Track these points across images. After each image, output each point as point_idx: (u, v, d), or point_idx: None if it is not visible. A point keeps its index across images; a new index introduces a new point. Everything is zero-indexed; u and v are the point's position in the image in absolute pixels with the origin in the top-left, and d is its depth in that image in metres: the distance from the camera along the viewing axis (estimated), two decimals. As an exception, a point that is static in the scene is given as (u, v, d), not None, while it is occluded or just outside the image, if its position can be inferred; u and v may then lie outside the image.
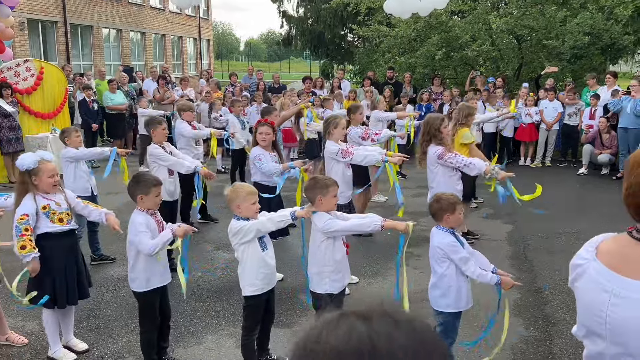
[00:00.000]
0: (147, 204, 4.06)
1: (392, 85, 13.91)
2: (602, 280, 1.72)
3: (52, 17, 20.43)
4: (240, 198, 3.92)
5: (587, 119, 11.81)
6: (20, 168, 4.23)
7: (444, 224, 3.92)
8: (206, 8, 35.35)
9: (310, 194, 4.02)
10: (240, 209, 3.93)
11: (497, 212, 8.62)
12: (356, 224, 4.03)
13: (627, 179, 1.77)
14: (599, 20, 13.79)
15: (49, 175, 4.25)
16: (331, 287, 4.07)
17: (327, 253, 4.02)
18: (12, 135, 10.24)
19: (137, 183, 4.09)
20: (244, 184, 4.26)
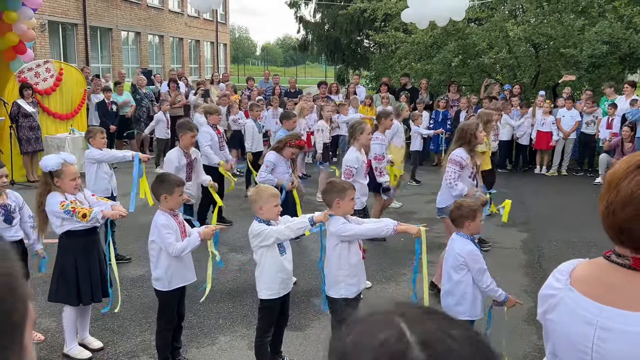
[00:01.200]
0: (171, 203, 4.10)
1: (409, 91, 13.91)
2: (582, 312, 1.54)
3: (73, 19, 20.70)
4: (263, 200, 3.96)
5: (604, 128, 11.73)
6: (43, 169, 4.29)
7: (464, 231, 3.94)
8: (224, 12, 35.59)
9: (327, 197, 4.05)
10: (262, 210, 3.97)
11: (512, 221, 8.57)
12: (370, 229, 4.05)
13: (604, 197, 1.57)
14: (618, 29, 13.69)
15: (71, 178, 4.31)
16: (347, 292, 4.08)
17: (342, 257, 4.04)
18: (32, 135, 10.39)
19: (162, 182, 4.14)
20: (267, 186, 4.29)
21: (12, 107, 10.20)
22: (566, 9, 14.39)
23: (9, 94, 10.47)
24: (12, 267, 0.83)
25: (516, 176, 12.00)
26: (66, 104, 11.59)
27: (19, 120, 10.26)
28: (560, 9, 14.48)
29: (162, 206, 4.12)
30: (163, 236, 4.00)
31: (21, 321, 0.84)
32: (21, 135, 10.28)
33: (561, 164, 12.36)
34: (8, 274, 0.80)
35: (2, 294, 0.79)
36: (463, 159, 5.59)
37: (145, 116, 13.59)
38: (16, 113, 10.21)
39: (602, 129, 11.79)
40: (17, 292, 0.82)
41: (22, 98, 10.32)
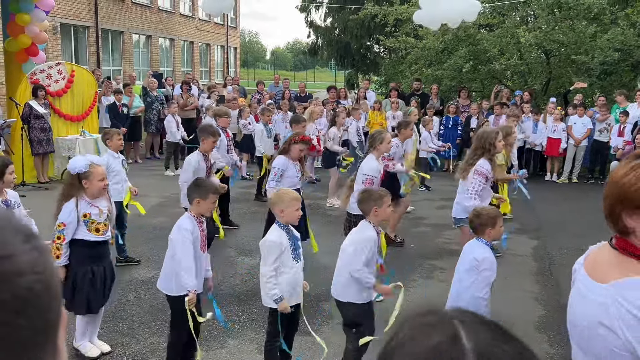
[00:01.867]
0: (202, 208, 4.09)
1: (419, 96, 13.89)
2: (580, 285, 1.79)
3: (85, 22, 20.82)
4: (284, 203, 3.95)
5: (615, 135, 11.65)
6: (72, 171, 4.28)
7: (485, 237, 3.94)
8: (235, 16, 35.71)
9: (364, 206, 4.09)
10: (283, 213, 3.95)
11: (523, 228, 8.53)
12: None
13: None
14: (630, 37, 13.61)
15: (99, 179, 4.31)
16: (357, 297, 4.07)
17: None
18: (43, 137, 10.44)
19: (197, 187, 4.14)
20: (289, 190, 4.28)
21: (24, 108, 10.25)
22: (578, 16, 14.33)
23: (20, 95, 10.53)
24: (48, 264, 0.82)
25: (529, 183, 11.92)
26: (77, 105, 11.65)
27: (31, 122, 10.31)
28: (572, 15, 14.41)
29: (192, 210, 4.10)
30: (184, 243, 3.95)
31: (56, 320, 0.82)
32: (32, 136, 10.33)
33: (572, 171, 12.28)
34: (44, 271, 0.79)
35: (38, 292, 0.77)
36: (488, 171, 5.52)
37: (155, 119, 13.64)
38: (28, 114, 10.26)
39: (613, 137, 11.70)
40: (53, 290, 0.81)
41: (35, 99, 10.38)
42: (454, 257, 6.94)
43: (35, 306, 0.76)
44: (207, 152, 6.47)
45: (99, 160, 4.43)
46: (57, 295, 0.81)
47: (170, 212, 8.38)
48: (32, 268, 0.77)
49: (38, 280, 0.77)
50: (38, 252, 0.79)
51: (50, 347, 0.81)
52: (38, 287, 0.77)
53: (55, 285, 0.81)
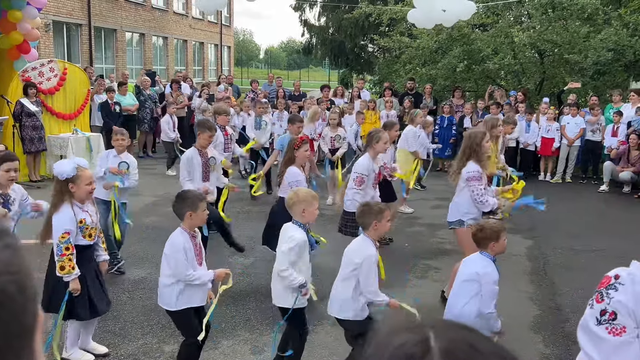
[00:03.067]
0: (196, 221, 3.94)
1: (412, 96, 13.88)
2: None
3: (77, 19, 20.70)
4: (307, 202, 3.93)
5: (609, 135, 11.68)
6: (59, 177, 4.13)
7: (488, 251, 3.91)
8: (228, 15, 35.61)
9: (364, 220, 4.00)
10: (305, 213, 3.94)
11: (517, 227, 8.52)
12: None
13: None
14: (623, 37, 13.67)
15: (86, 183, 4.21)
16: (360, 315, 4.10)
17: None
18: (35, 135, 10.36)
19: (184, 200, 3.94)
20: (307, 189, 4.23)
21: (15, 106, 10.16)
22: (572, 16, 14.38)
23: (12, 93, 10.44)
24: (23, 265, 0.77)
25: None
26: (69, 103, 11.56)
27: (22, 120, 10.22)
28: (565, 15, 14.46)
29: (184, 225, 3.93)
30: (178, 261, 3.85)
31: (32, 324, 0.78)
32: (24, 134, 10.24)
33: (565, 171, 12.30)
34: (18, 271, 0.74)
35: (12, 294, 0.72)
36: (479, 172, 5.49)
37: (149, 117, 13.57)
38: (19, 112, 10.18)
39: (607, 137, 11.74)
40: (28, 291, 0.76)
41: (26, 97, 10.29)
42: (448, 257, 6.96)
43: (9, 309, 0.72)
44: (203, 148, 6.38)
45: (85, 163, 4.30)
46: (32, 297, 0.77)
47: (163, 212, 8.34)
48: (5, 268, 0.72)
49: (12, 281, 0.73)
50: (12, 251, 0.75)
51: (26, 352, 0.76)
52: (12, 289, 0.72)
53: (30, 287, 0.76)
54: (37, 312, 0.79)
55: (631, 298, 1.74)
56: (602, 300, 1.81)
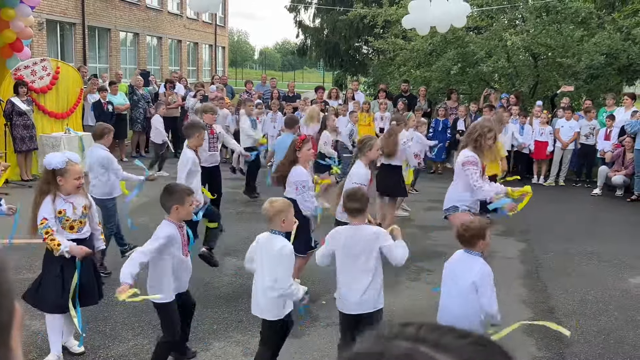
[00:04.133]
0: (182, 214, 3.99)
1: (407, 98, 13.89)
2: None
3: (71, 18, 20.60)
4: (285, 211, 3.91)
5: (602, 139, 11.72)
6: (47, 167, 4.18)
7: (476, 250, 3.89)
8: (223, 15, 35.55)
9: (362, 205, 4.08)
10: (285, 223, 3.91)
11: (510, 230, 8.53)
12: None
13: None
14: (617, 41, 13.72)
15: (75, 177, 4.22)
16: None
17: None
18: (26, 134, 10.28)
19: (172, 194, 4.01)
20: (280, 199, 4.14)
21: (6, 104, 10.10)
22: (565, 20, 14.42)
23: (4, 91, 10.37)
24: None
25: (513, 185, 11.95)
26: (62, 102, 11.49)
27: (13, 119, 10.15)
28: (559, 19, 14.50)
29: (171, 217, 3.99)
30: (152, 242, 3.86)
31: (7, 320, 0.74)
32: (15, 133, 10.17)
33: (559, 174, 12.33)
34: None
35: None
36: (475, 157, 5.47)
37: (142, 117, 13.51)
38: (10, 111, 10.11)
39: (600, 140, 11.78)
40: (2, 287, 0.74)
41: (17, 95, 10.22)
42: (441, 259, 6.91)
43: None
44: (196, 148, 6.36)
45: (77, 158, 4.30)
46: (8, 294, 0.74)
47: (153, 212, 8.27)
48: None
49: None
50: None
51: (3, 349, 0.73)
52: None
53: (4, 282, 0.73)
54: (14, 308, 0.76)
55: None
56: None
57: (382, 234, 4.06)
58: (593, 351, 4.87)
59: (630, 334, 5.17)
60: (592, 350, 4.88)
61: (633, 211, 10.16)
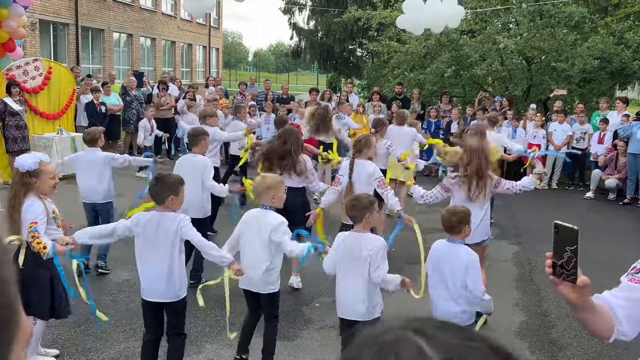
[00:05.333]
0: (176, 205, 3.90)
1: (401, 100, 13.90)
2: None
3: (64, 19, 20.52)
4: (277, 188, 4.01)
5: (595, 142, 11.76)
6: (20, 169, 4.09)
7: (461, 237, 3.93)
8: (217, 17, 35.51)
9: (356, 213, 3.94)
10: (274, 199, 4.00)
11: (503, 233, 8.54)
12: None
13: None
14: (610, 45, 13.79)
15: (50, 177, 4.18)
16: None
17: None
18: (19, 134, 10.20)
19: (165, 184, 3.88)
20: (271, 174, 4.26)
21: (-2, 105, 10.02)
22: (559, 24, 14.49)
23: (-4, 91, 10.30)
24: None
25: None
26: (53, 103, 11.42)
27: (6, 119, 10.07)
28: (553, 23, 14.57)
29: (165, 209, 3.87)
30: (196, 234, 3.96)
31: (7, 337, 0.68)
32: (7, 133, 10.09)
33: (552, 178, 12.36)
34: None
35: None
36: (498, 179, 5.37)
37: (135, 118, 13.44)
38: (2, 111, 10.03)
39: (593, 144, 11.82)
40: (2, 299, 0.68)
41: (9, 96, 10.15)
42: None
43: None
44: (203, 154, 6.25)
45: (47, 158, 4.24)
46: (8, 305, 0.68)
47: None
48: None
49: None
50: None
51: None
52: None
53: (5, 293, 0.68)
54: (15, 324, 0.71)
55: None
56: (638, 260, 2.05)
57: (376, 246, 3.89)
58: (586, 354, 4.87)
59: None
60: (585, 354, 4.88)
61: (626, 214, 10.19)
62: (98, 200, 6.23)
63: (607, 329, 1.99)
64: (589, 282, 1.79)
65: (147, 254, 3.88)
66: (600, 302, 2.00)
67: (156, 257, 3.84)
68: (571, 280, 1.78)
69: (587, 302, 1.87)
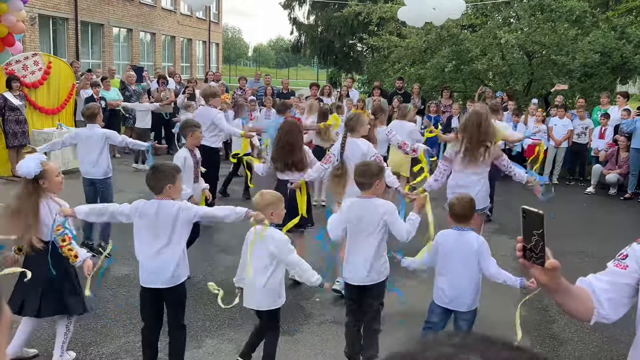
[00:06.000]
0: (174, 193, 3.89)
1: (401, 95, 13.87)
2: None
3: (64, 13, 20.47)
4: (274, 204, 3.96)
5: (596, 138, 11.73)
6: (27, 176, 3.96)
7: (469, 225, 4.04)
8: (217, 12, 35.43)
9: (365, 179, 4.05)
10: (272, 215, 3.96)
11: (503, 228, 8.53)
12: None
13: None
14: (611, 39, 13.75)
15: (55, 175, 4.13)
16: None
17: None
18: (18, 129, 10.18)
19: (161, 172, 3.88)
20: (270, 191, 4.16)
21: (-2, 99, 10.00)
22: (560, 18, 14.44)
23: (-5, 86, 10.27)
24: None
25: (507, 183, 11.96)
26: (53, 98, 11.38)
27: (6, 114, 10.05)
28: (554, 17, 14.52)
29: (162, 196, 3.87)
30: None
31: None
32: (7, 128, 10.07)
33: (552, 173, 12.34)
34: None
35: None
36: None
37: (134, 113, 13.41)
38: (2, 106, 10.00)
39: (594, 139, 11.79)
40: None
41: (10, 90, 10.12)
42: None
43: None
44: (193, 148, 6.22)
45: (43, 157, 4.12)
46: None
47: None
48: None
49: None
50: None
51: None
52: None
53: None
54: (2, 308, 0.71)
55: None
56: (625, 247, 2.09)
57: (389, 208, 4.06)
58: (587, 349, 4.87)
59: (624, 332, 5.16)
60: (586, 349, 4.87)
61: (626, 210, 10.18)
62: (98, 176, 6.35)
63: (585, 311, 2.01)
64: (558, 264, 1.82)
65: (147, 239, 3.87)
66: (583, 285, 2.03)
67: (156, 242, 3.85)
68: (540, 263, 1.82)
69: (560, 285, 1.88)
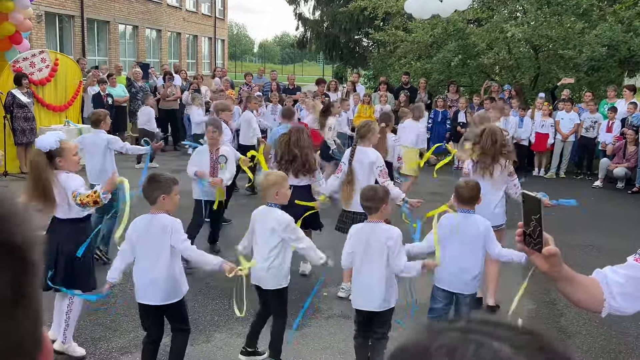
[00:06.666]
0: (169, 205, 3.77)
1: (408, 90, 13.85)
2: None
3: (70, 11, 20.53)
4: (279, 184, 4.02)
5: (604, 131, 11.69)
6: (42, 149, 3.96)
7: (474, 209, 4.20)
8: (222, 8, 35.43)
9: (373, 203, 3.96)
10: (278, 195, 4.01)
11: (509, 221, 8.49)
12: None
13: None
14: (618, 33, 13.66)
15: (73, 154, 4.13)
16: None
17: None
18: (27, 126, 10.24)
19: (157, 182, 3.76)
20: (276, 172, 4.31)
21: (6, 97, 10.05)
22: (567, 11, 14.36)
23: (3, 83, 10.32)
24: None
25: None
26: (60, 95, 11.44)
27: (14, 111, 10.11)
28: (560, 11, 14.44)
29: (157, 209, 3.76)
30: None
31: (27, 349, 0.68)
32: (16, 125, 10.13)
33: (559, 167, 12.31)
34: None
35: None
36: None
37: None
38: (11, 103, 10.06)
39: (602, 133, 11.74)
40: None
41: (18, 88, 10.17)
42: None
43: None
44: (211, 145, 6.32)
45: (63, 136, 4.14)
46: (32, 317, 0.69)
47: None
48: None
49: None
50: None
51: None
52: None
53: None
54: (40, 338, 0.71)
55: None
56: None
57: (393, 234, 3.90)
58: (596, 342, 4.87)
59: (633, 325, 5.16)
60: (594, 342, 4.87)
61: (634, 203, 10.14)
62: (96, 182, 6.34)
63: (594, 302, 1.96)
64: (556, 251, 1.79)
65: (141, 256, 3.81)
66: (597, 276, 1.99)
67: (149, 259, 3.77)
68: (537, 249, 1.80)
69: (562, 273, 1.86)
